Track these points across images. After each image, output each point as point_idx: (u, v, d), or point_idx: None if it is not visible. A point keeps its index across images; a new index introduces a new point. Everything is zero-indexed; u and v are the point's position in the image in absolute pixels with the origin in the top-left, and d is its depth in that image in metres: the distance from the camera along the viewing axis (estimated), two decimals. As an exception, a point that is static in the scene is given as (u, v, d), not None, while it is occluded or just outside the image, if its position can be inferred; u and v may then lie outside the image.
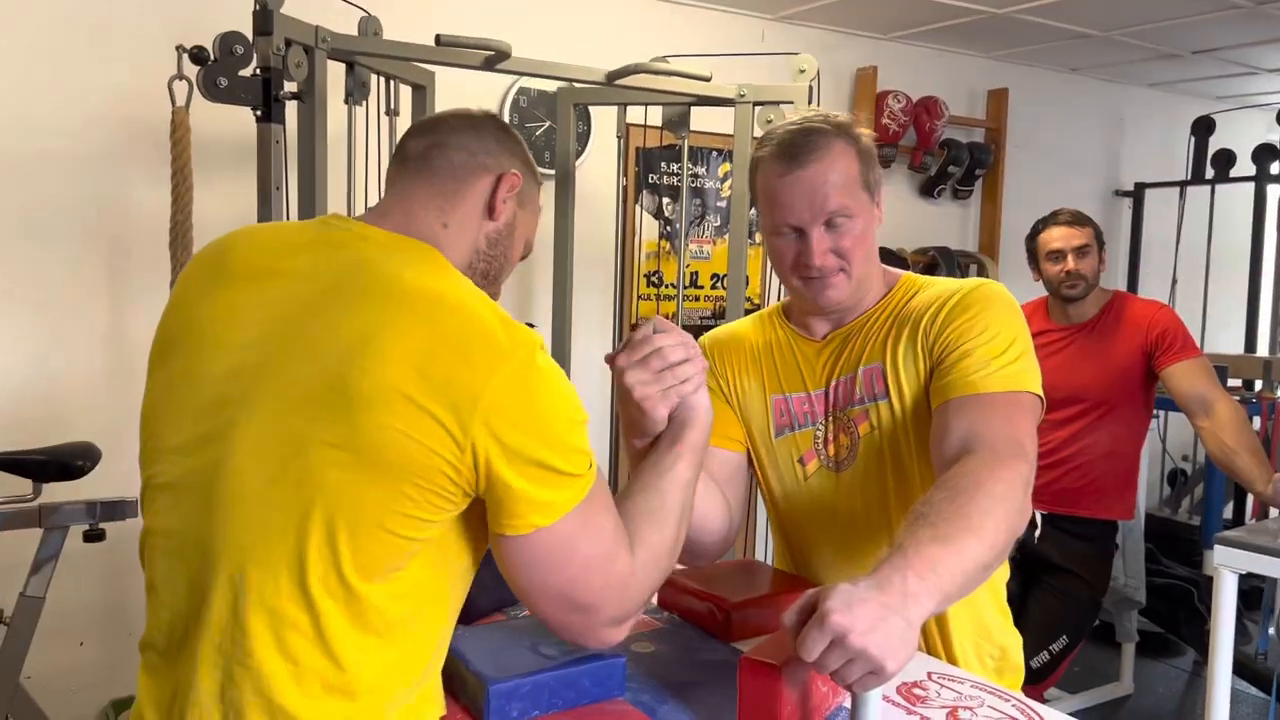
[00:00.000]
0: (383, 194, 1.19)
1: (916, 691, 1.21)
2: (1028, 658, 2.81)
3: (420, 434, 0.93)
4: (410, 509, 0.95)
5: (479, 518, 1.01)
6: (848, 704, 1.02)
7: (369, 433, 0.93)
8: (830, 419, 1.44)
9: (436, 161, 1.14)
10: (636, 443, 1.20)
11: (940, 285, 1.42)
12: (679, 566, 1.66)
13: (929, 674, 1.27)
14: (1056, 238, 2.89)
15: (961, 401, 1.27)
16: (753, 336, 1.53)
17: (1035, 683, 2.79)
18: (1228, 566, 2.22)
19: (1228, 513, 4.08)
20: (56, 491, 2.41)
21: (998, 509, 1.09)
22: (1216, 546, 2.23)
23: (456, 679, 1.15)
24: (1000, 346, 1.30)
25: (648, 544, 1.08)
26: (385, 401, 0.93)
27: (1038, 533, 2.89)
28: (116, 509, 2.46)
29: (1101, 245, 2.91)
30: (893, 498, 1.39)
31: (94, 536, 2.43)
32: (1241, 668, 3.16)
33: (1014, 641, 1.49)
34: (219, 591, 0.97)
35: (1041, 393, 1.31)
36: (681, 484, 1.15)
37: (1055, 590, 2.86)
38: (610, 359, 1.18)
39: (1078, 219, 2.91)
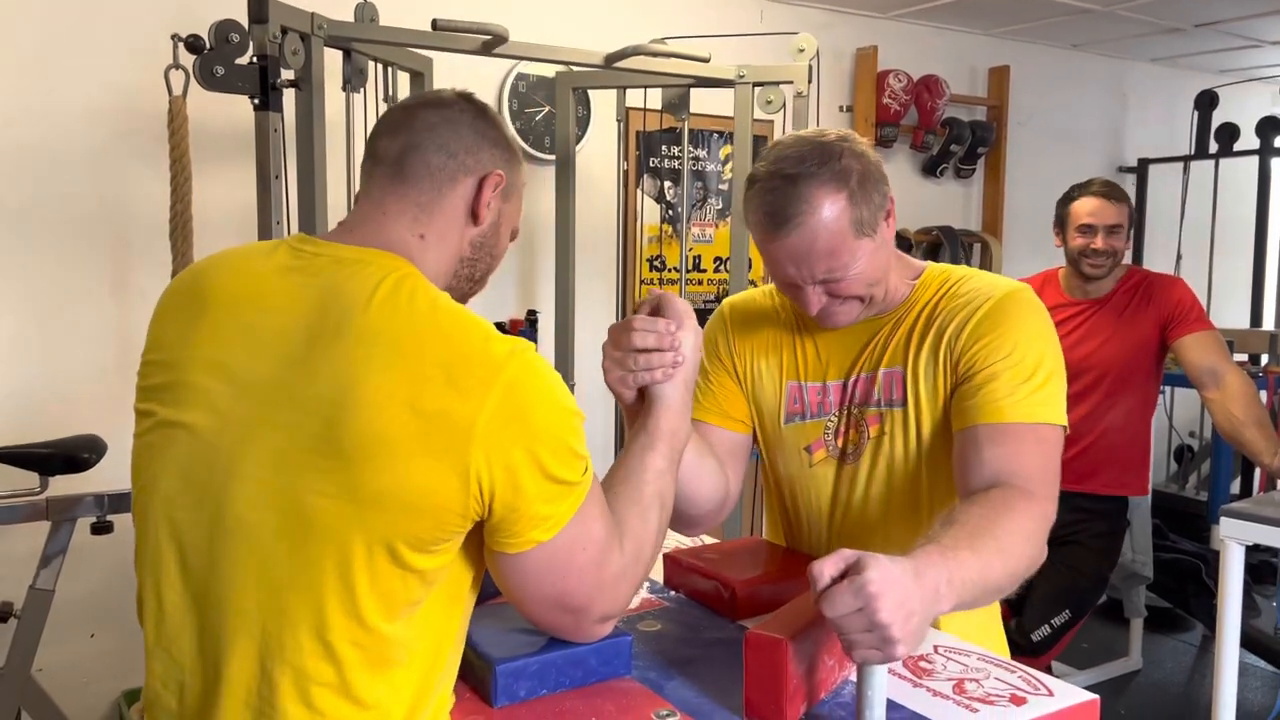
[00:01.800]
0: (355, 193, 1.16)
1: (923, 665, 1.21)
2: (1029, 630, 2.83)
3: (421, 475, 0.92)
4: (423, 546, 0.94)
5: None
6: (853, 678, 1.02)
7: (369, 482, 0.91)
8: (844, 412, 1.42)
9: (412, 166, 1.07)
10: (626, 418, 1.24)
11: (969, 288, 1.36)
12: (683, 541, 1.67)
13: (935, 647, 1.27)
14: (1090, 210, 2.80)
15: (991, 431, 1.25)
16: (773, 315, 1.50)
17: (1035, 656, 2.79)
18: (1234, 539, 2.21)
19: (1235, 487, 4.07)
20: (63, 484, 2.42)
21: (1026, 544, 1.14)
22: (1223, 519, 2.23)
23: (464, 660, 1.15)
24: (1028, 370, 1.27)
25: (633, 534, 1.08)
26: (381, 449, 0.91)
27: None
28: (124, 501, 2.46)
29: (1131, 224, 2.85)
30: (894, 500, 1.40)
31: (102, 529, 2.44)
32: (1251, 642, 3.16)
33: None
34: (239, 649, 0.95)
35: (1065, 423, 1.30)
36: (656, 473, 1.15)
37: (1061, 564, 2.85)
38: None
39: (1114, 192, 2.82)
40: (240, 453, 0.97)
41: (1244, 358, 3.88)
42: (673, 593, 1.48)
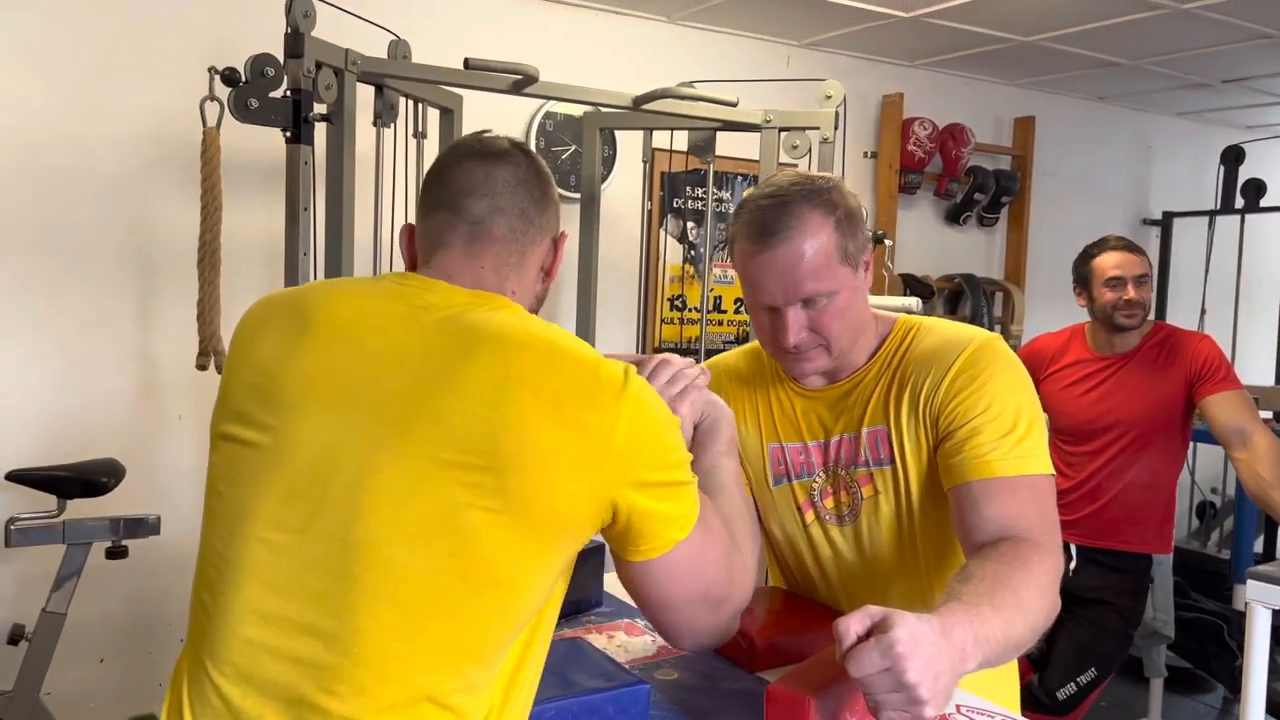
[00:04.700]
0: (415, 228, 1.18)
1: (945, 725, 1.19)
2: (1055, 689, 2.79)
3: (567, 484, 0.94)
4: (557, 560, 0.98)
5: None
6: (876, 737, 1.00)
7: (519, 491, 0.93)
8: (830, 474, 1.42)
9: (498, 229, 1.13)
10: None
11: (937, 338, 1.37)
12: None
13: (958, 706, 1.24)
14: (1116, 263, 2.79)
15: (985, 487, 1.25)
16: (751, 378, 1.51)
17: (1061, 715, 2.74)
18: (1260, 602, 2.17)
19: (1258, 546, 4.01)
20: (80, 508, 2.43)
21: (1041, 597, 1.13)
22: (1249, 581, 2.19)
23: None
24: (1008, 423, 1.27)
25: (742, 537, 1.14)
26: (532, 457, 0.93)
27: (1073, 565, 2.85)
28: (140, 526, 2.47)
29: (1152, 277, 2.85)
30: (892, 557, 1.40)
31: (117, 553, 2.44)
32: (1274, 706, 3.10)
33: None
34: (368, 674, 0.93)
35: (1052, 469, 1.30)
36: (736, 479, 1.21)
37: (1086, 621, 2.81)
38: None
39: (1133, 246, 2.84)
40: (374, 468, 0.95)
41: (1269, 415, 3.83)
42: (690, 640, 1.46)
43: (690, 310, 3.82)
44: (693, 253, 3.81)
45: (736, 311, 3.93)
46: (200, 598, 1.04)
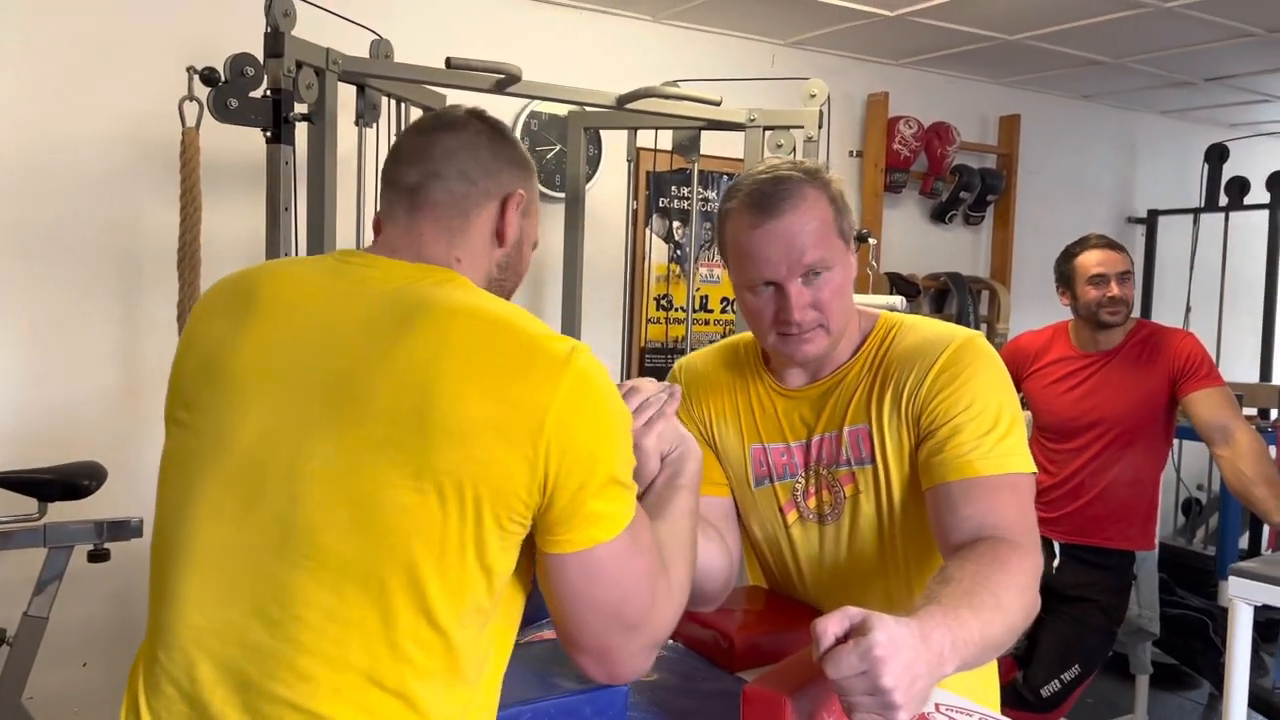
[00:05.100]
0: (379, 216, 1.16)
1: (924, 724, 1.19)
2: (1039, 686, 2.80)
3: (496, 460, 0.92)
4: (490, 540, 0.94)
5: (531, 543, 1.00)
6: (853, 736, 1.00)
7: (446, 467, 0.91)
8: (811, 474, 1.42)
9: (436, 195, 1.09)
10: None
11: (919, 336, 1.37)
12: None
13: (936, 705, 1.24)
14: (1099, 261, 2.81)
15: (964, 487, 1.24)
16: (730, 377, 1.49)
17: (1045, 711, 2.75)
18: (1243, 598, 2.18)
19: (1243, 543, 4.03)
20: (62, 511, 2.41)
21: (1020, 598, 1.12)
22: (1231, 578, 2.20)
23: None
24: (989, 421, 1.27)
25: (673, 561, 1.08)
26: (461, 433, 0.91)
27: (1056, 563, 2.85)
28: (122, 529, 2.45)
29: (1134, 274, 2.87)
30: (872, 556, 1.39)
31: (99, 556, 2.43)
32: (1258, 701, 3.11)
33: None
34: (294, 657, 0.94)
35: (1034, 469, 1.30)
36: (688, 514, 1.16)
37: (1069, 618, 2.82)
38: None
39: (1115, 244, 2.86)
40: (308, 447, 0.95)
41: (1253, 412, 3.85)
42: (670, 641, 1.46)
43: (676, 310, 3.81)
44: (678, 252, 3.81)
45: (723, 311, 3.93)
46: (154, 585, 1.04)
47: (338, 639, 0.92)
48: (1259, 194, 4.72)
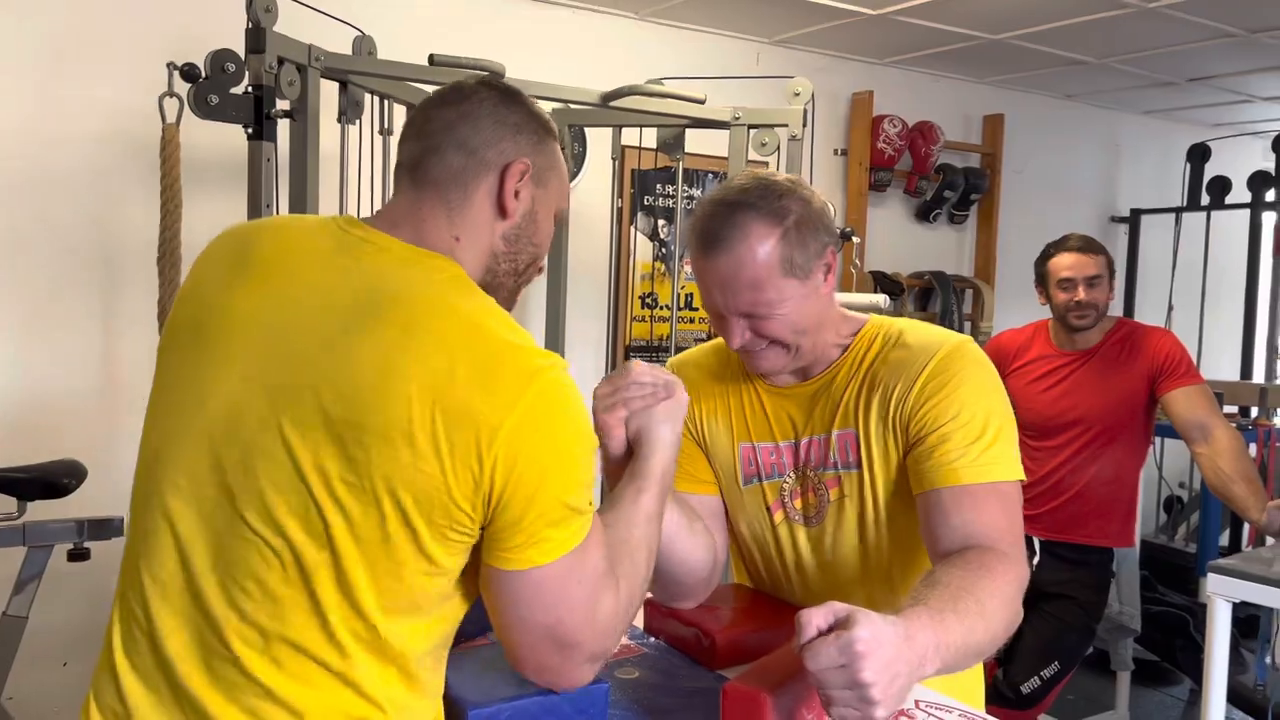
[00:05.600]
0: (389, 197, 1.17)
1: (903, 720, 1.19)
2: (1019, 682, 2.81)
3: (428, 468, 0.91)
4: (429, 543, 0.94)
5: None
6: (832, 734, 1.00)
7: (379, 467, 0.91)
8: (798, 474, 1.42)
9: (434, 170, 1.07)
10: (610, 477, 1.22)
11: (908, 341, 1.36)
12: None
13: (916, 702, 1.25)
14: (1068, 265, 2.83)
15: (953, 494, 1.25)
16: (720, 376, 1.49)
17: (1025, 708, 2.76)
18: (1221, 595, 2.20)
19: (1224, 540, 4.05)
20: (42, 509, 2.39)
21: (1004, 607, 1.13)
22: (1210, 575, 2.21)
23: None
24: (977, 429, 1.27)
25: (625, 576, 1.06)
26: (400, 434, 0.91)
27: (1035, 560, 2.87)
28: (102, 528, 2.43)
29: (1112, 274, 2.88)
30: (857, 561, 1.40)
31: (79, 555, 2.41)
32: (1238, 697, 3.13)
33: None
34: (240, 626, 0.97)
35: (1022, 475, 1.30)
36: (646, 516, 1.14)
37: (1049, 616, 2.83)
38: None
39: (1090, 245, 2.86)
40: (264, 427, 0.96)
41: (1234, 409, 3.88)
42: (652, 639, 1.46)
43: (661, 308, 3.81)
44: (663, 250, 3.81)
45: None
46: (130, 525, 1.06)
47: (273, 614, 0.94)
48: (1240, 193, 4.76)
